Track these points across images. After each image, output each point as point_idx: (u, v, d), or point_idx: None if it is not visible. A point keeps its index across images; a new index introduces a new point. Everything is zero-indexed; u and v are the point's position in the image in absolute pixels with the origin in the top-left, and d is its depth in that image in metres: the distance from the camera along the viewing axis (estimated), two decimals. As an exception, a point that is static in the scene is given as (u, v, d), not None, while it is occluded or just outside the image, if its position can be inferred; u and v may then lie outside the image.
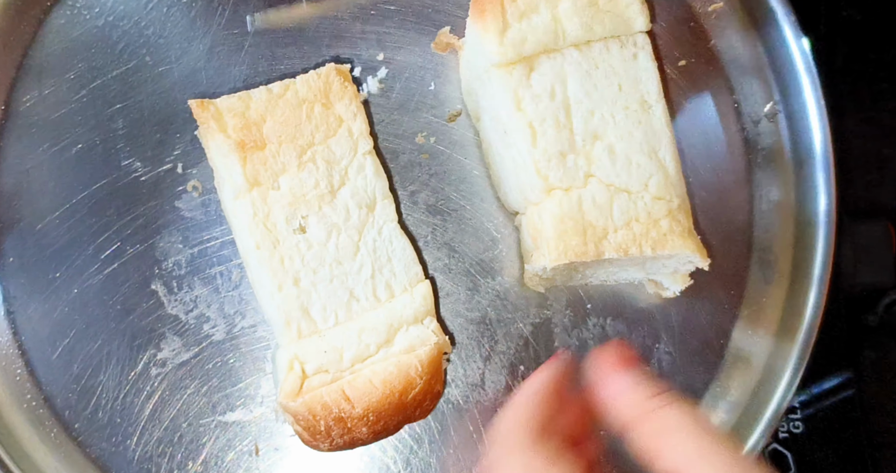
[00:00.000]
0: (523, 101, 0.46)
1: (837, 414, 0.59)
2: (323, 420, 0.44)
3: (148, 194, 0.49)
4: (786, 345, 0.50)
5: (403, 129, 0.50)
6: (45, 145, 0.49)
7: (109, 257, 0.49)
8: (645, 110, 0.47)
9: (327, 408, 0.44)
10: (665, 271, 0.49)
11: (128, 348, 0.49)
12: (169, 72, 0.50)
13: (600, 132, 0.46)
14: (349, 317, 0.45)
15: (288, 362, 0.45)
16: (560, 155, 0.45)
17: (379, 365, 0.45)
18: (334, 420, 0.44)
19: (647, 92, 0.47)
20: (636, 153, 0.46)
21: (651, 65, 0.47)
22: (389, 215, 0.47)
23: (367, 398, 0.44)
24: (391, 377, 0.44)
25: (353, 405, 0.44)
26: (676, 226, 0.45)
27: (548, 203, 0.45)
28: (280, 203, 0.45)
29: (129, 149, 0.50)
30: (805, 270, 0.51)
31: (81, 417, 0.48)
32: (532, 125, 0.46)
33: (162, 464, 0.48)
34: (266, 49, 0.50)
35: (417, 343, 0.45)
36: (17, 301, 0.49)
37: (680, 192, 0.46)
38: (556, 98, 0.46)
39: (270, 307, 0.46)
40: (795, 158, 0.52)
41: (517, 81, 0.46)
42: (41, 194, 0.49)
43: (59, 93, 0.50)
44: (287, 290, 0.45)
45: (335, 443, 0.45)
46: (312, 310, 0.45)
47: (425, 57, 0.51)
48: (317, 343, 0.45)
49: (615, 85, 0.46)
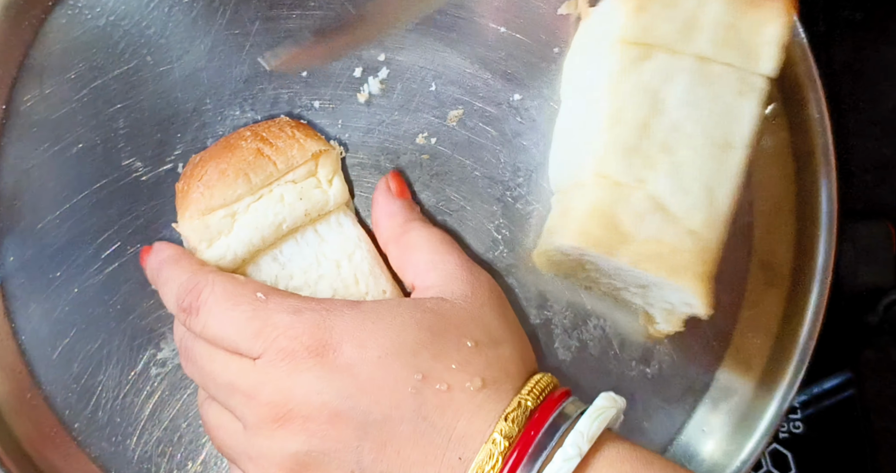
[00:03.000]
0: (622, 84, 0.45)
1: (837, 414, 0.59)
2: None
3: (149, 194, 0.49)
4: (786, 346, 0.50)
5: (404, 129, 0.50)
6: (45, 145, 0.49)
7: (110, 257, 0.49)
8: (726, 149, 0.45)
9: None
10: (663, 305, 0.48)
11: (128, 347, 0.49)
12: (170, 72, 0.50)
13: (675, 148, 0.45)
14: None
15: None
16: (627, 150, 0.45)
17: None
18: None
19: (739, 134, 0.45)
20: (696, 183, 0.45)
21: (757, 110, 0.45)
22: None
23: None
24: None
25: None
26: (698, 266, 0.44)
27: (593, 187, 0.45)
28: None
29: (130, 148, 0.49)
30: (806, 271, 0.51)
31: (81, 416, 0.48)
32: (618, 109, 0.45)
33: (161, 464, 0.48)
34: (266, 49, 0.50)
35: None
36: (17, 301, 0.49)
37: (717, 237, 0.45)
38: (653, 96, 0.45)
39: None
40: (796, 158, 0.52)
41: (627, 63, 0.45)
42: (42, 194, 0.49)
43: (60, 92, 0.50)
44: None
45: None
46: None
47: (427, 58, 0.51)
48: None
49: (713, 112, 0.45)
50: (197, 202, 0.44)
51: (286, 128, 0.47)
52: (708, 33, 0.46)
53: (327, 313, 0.38)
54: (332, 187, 0.46)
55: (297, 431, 0.36)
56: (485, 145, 0.51)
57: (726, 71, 0.46)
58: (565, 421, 0.36)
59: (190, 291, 0.41)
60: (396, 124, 0.50)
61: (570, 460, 0.34)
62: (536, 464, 0.34)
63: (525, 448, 0.34)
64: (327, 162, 0.46)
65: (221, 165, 0.44)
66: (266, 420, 0.37)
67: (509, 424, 0.35)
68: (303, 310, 0.39)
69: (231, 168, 0.44)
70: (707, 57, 0.46)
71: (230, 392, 0.39)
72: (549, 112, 0.51)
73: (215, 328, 0.39)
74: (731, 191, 0.46)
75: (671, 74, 0.46)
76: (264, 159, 0.44)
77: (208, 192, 0.44)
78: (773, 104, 0.52)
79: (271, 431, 0.37)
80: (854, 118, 0.48)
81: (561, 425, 0.36)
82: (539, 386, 0.38)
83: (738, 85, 0.46)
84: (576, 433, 0.35)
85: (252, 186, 0.44)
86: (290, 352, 0.37)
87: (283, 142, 0.45)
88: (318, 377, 0.36)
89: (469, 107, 0.51)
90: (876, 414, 0.59)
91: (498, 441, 0.34)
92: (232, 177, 0.44)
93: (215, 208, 0.44)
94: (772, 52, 0.46)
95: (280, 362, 0.37)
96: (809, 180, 0.51)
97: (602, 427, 0.36)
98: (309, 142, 0.46)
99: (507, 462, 0.34)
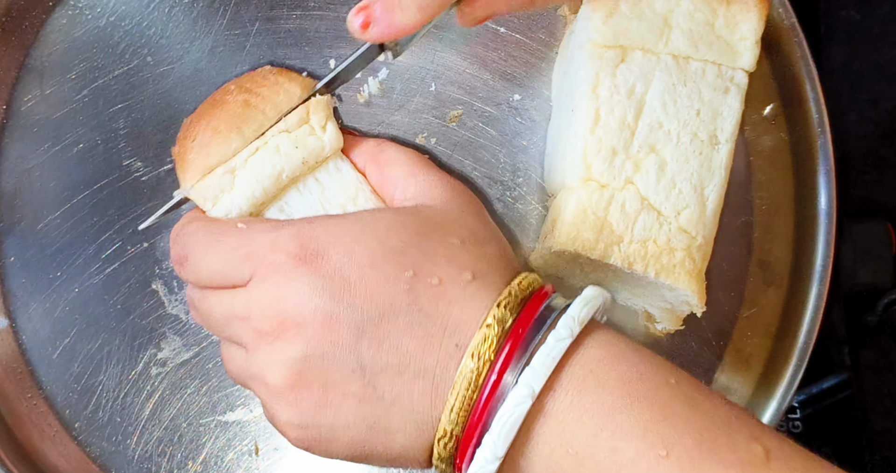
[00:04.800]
0: (601, 86, 0.46)
1: (836, 414, 0.59)
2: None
3: (149, 194, 0.49)
4: (785, 346, 0.50)
5: (404, 130, 0.50)
6: (46, 145, 0.49)
7: (110, 257, 0.49)
8: (711, 145, 0.46)
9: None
10: (661, 304, 0.49)
11: (128, 347, 0.49)
12: (170, 72, 0.50)
13: (659, 147, 0.46)
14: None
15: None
16: (612, 151, 0.45)
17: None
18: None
19: (722, 129, 0.46)
20: (683, 180, 0.46)
21: (738, 105, 0.46)
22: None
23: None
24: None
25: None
26: (689, 263, 0.45)
27: (580, 191, 0.45)
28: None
29: (131, 149, 0.50)
30: (805, 271, 0.51)
31: (82, 416, 0.48)
32: (599, 113, 0.45)
33: (162, 464, 0.48)
34: (267, 49, 0.50)
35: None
36: (18, 301, 0.49)
37: (707, 233, 0.46)
38: (632, 97, 0.46)
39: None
40: (796, 159, 0.52)
41: (604, 65, 0.46)
42: (42, 194, 0.49)
43: (61, 92, 0.50)
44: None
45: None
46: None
47: (426, 58, 0.51)
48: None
49: (694, 109, 0.46)
50: (195, 164, 0.44)
51: (269, 76, 0.46)
52: (682, 32, 0.46)
53: (310, 224, 0.39)
54: (326, 132, 0.45)
55: (294, 339, 0.36)
56: (484, 145, 0.51)
57: (705, 68, 0.47)
58: (556, 308, 0.37)
59: (174, 243, 0.42)
60: (396, 125, 0.50)
61: (562, 340, 0.35)
62: (530, 346, 0.35)
63: (519, 331, 0.35)
64: (319, 108, 0.45)
65: (213, 123, 0.44)
66: (262, 335, 0.37)
67: (502, 310, 0.36)
68: (285, 226, 0.39)
69: (222, 124, 0.44)
70: (684, 55, 0.46)
71: (229, 322, 0.39)
72: (548, 112, 0.51)
73: (205, 269, 0.40)
74: (718, 187, 0.46)
75: (649, 74, 0.46)
76: (252, 110, 0.44)
77: (204, 151, 0.44)
78: (773, 104, 0.52)
79: (268, 344, 0.37)
80: (854, 118, 0.48)
81: (553, 310, 0.37)
82: (527, 280, 0.38)
83: (717, 81, 0.47)
84: (567, 317, 0.36)
85: (245, 138, 0.44)
86: (277, 265, 0.37)
87: (267, 90, 0.45)
88: (308, 284, 0.36)
89: (468, 107, 0.51)
90: (875, 414, 0.59)
91: (492, 325, 0.35)
92: (224, 133, 0.44)
93: (214, 166, 0.44)
94: (748, 47, 0.47)
95: (269, 276, 0.37)
96: (808, 180, 0.51)
97: (592, 313, 0.37)
98: (293, 85, 0.46)
99: (503, 344, 0.35)
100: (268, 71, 0.47)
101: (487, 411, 0.35)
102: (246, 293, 0.38)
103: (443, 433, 0.36)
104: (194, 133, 0.44)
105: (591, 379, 0.35)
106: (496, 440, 0.34)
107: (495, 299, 0.37)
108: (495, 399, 0.35)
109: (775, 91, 0.52)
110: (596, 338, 0.37)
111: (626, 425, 0.33)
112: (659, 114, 0.46)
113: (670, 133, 0.46)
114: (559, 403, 0.34)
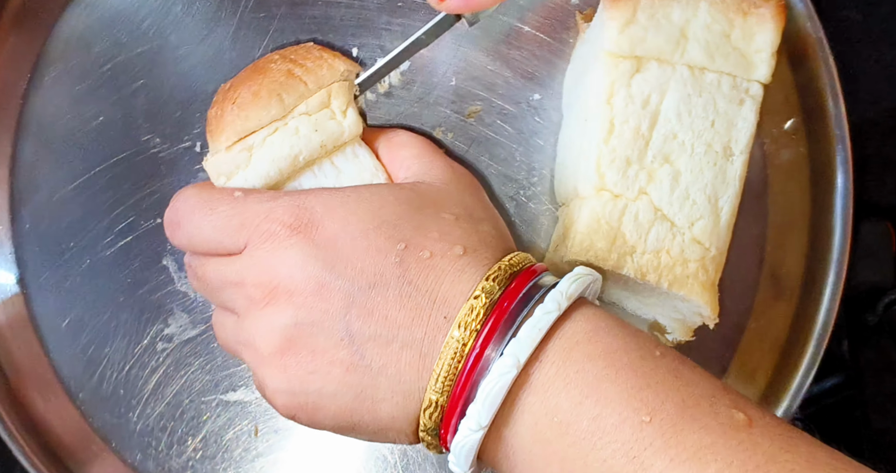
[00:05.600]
0: (615, 96, 0.45)
1: (837, 414, 0.59)
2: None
3: (165, 171, 0.50)
4: (791, 360, 0.50)
5: (422, 122, 0.50)
6: (67, 117, 0.50)
7: (123, 231, 0.50)
8: (726, 156, 0.46)
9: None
10: (673, 315, 0.48)
11: (136, 321, 0.49)
12: (193, 52, 0.50)
13: (673, 157, 0.45)
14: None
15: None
16: (626, 161, 0.45)
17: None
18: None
19: (736, 140, 0.46)
20: (697, 191, 0.45)
21: (753, 117, 0.46)
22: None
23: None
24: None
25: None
26: (702, 274, 0.45)
27: (593, 200, 0.45)
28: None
29: (149, 125, 0.50)
30: (816, 287, 0.50)
31: (86, 387, 0.49)
32: (613, 122, 0.45)
33: (162, 439, 0.49)
34: (290, 35, 0.50)
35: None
36: (30, 270, 0.49)
37: (721, 245, 0.46)
38: (647, 107, 0.46)
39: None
40: (814, 174, 0.51)
41: (619, 75, 0.45)
42: (60, 165, 0.50)
43: (84, 66, 0.50)
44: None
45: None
46: None
47: (448, 52, 0.50)
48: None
49: (709, 120, 0.46)
50: (232, 124, 0.44)
51: (313, 51, 0.47)
52: (699, 43, 0.46)
53: (306, 195, 0.40)
54: (346, 118, 0.45)
55: (284, 306, 0.37)
56: (501, 143, 0.51)
57: (720, 79, 0.46)
58: (546, 285, 0.37)
59: (168, 209, 0.42)
60: (415, 117, 0.50)
61: (549, 313, 0.35)
62: (517, 319, 0.35)
63: (505, 304, 0.36)
64: (340, 93, 0.46)
65: (254, 88, 0.44)
66: (254, 301, 0.38)
67: (491, 283, 0.36)
68: (281, 196, 0.40)
69: (263, 89, 0.44)
70: (700, 66, 0.46)
71: (222, 288, 0.40)
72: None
73: (199, 236, 0.40)
74: (732, 198, 0.46)
75: (665, 84, 0.46)
76: (295, 80, 0.45)
77: (243, 113, 0.44)
78: (794, 118, 0.52)
79: (259, 310, 0.38)
80: (854, 119, 0.48)
81: (542, 287, 0.37)
82: (518, 257, 0.39)
83: (732, 92, 0.46)
84: (556, 291, 0.36)
85: (285, 106, 0.44)
86: (272, 233, 0.38)
87: (311, 62, 0.46)
88: (301, 252, 0.37)
89: (488, 104, 0.51)
90: (876, 414, 0.58)
91: (480, 296, 0.36)
92: (265, 98, 0.44)
93: (250, 130, 0.44)
94: (764, 59, 0.46)
95: (263, 244, 0.38)
96: (825, 196, 0.50)
97: (580, 290, 0.37)
98: (337, 62, 0.46)
99: (489, 315, 0.36)
100: (311, 46, 0.48)
101: (472, 381, 0.35)
102: (240, 261, 0.39)
103: (428, 403, 0.36)
104: (234, 95, 0.45)
105: (577, 350, 0.35)
106: (480, 409, 0.34)
107: (485, 272, 0.37)
108: (480, 369, 0.35)
109: (797, 105, 0.52)
110: (584, 313, 0.37)
111: (611, 392, 0.34)
112: (674, 124, 0.46)
113: (685, 144, 0.46)
114: (544, 373, 0.35)
